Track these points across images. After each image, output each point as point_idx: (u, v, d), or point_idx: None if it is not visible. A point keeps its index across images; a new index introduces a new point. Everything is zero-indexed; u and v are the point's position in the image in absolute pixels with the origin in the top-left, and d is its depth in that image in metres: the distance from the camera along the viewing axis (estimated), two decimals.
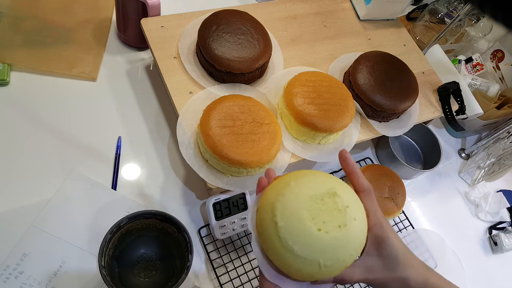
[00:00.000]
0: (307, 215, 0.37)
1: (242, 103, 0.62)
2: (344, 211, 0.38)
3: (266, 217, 0.39)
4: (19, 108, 0.69)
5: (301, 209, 0.37)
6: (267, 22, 0.78)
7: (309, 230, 0.36)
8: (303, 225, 0.37)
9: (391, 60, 0.77)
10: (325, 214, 0.37)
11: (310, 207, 0.38)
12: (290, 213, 0.38)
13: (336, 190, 0.39)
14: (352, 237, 0.38)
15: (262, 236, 0.40)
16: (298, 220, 0.37)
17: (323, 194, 0.38)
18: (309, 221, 0.37)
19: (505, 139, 0.88)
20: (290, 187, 0.40)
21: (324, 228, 0.37)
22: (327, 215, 0.37)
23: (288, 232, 0.37)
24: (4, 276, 0.56)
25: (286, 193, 0.39)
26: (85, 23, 0.80)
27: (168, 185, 0.70)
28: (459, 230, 0.85)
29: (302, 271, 0.38)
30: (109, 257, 0.56)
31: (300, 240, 0.37)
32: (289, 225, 0.37)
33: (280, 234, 0.37)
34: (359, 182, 0.42)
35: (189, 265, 0.54)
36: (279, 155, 0.65)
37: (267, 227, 0.39)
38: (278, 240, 0.37)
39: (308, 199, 0.38)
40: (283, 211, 0.38)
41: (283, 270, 0.39)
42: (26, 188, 0.63)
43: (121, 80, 0.78)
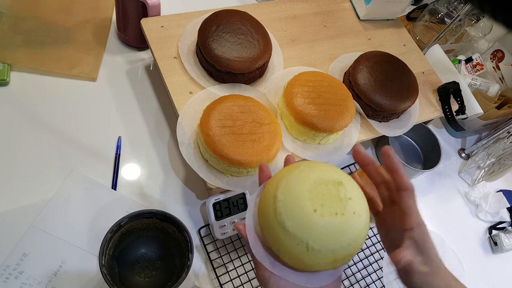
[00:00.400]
0: (307, 195, 0.37)
1: (242, 103, 0.62)
2: (345, 202, 0.38)
3: (269, 191, 0.40)
4: (19, 108, 0.69)
5: (303, 189, 0.38)
6: (267, 22, 0.78)
7: (305, 209, 0.37)
8: (300, 202, 0.37)
9: (391, 60, 0.77)
10: (325, 199, 0.37)
11: (312, 188, 0.38)
12: (291, 189, 0.38)
13: (342, 180, 0.39)
14: (347, 229, 0.37)
15: (260, 212, 0.40)
16: (297, 197, 0.37)
17: (328, 180, 0.39)
18: (307, 200, 0.37)
19: (505, 139, 0.88)
20: (299, 169, 0.40)
21: (320, 211, 0.37)
22: (327, 200, 0.37)
23: (285, 206, 0.37)
24: (4, 276, 0.56)
25: (293, 173, 0.40)
26: (85, 23, 0.80)
27: (168, 185, 0.70)
28: (459, 230, 0.85)
29: (290, 250, 0.37)
30: (109, 257, 0.56)
31: (294, 216, 0.37)
32: (287, 200, 0.37)
33: (276, 208, 0.37)
34: (402, 180, 0.41)
35: (190, 264, 0.54)
36: (279, 155, 0.65)
37: (267, 200, 0.39)
38: (273, 214, 0.38)
39: (312, 181, 0.38)
40: (286, 186, 0.38)
41: (274, 247, 0.39)
42: (26, 188, 0.63)
43: (121, 80, 0.78)
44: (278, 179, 0.40)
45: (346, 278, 0.70)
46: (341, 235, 0.37)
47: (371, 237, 0.76)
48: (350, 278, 0.70)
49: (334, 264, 0.38)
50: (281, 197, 0.38)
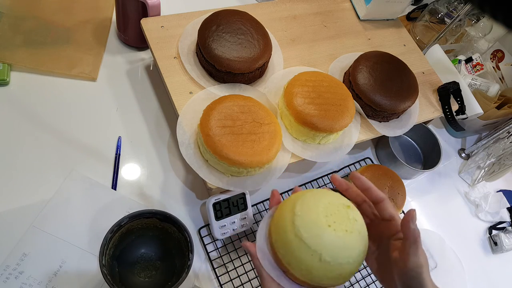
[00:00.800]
0: (322, 212, 0.42)
1: (242, 103, 0.62)
2: (353, 222, 0.43)
3: (286, 209, 0.44)
4: (19, 108, 0.69)
5: (318, 206, 0.43)
6: (267, 22, 0.78)
7: (320, 223, 0.41)
8: (316, 218, 0.41)
9: (391, 60, 0.77)
10: (337, 218, 0.42)
11: (326, 208, 0.43)
12: (308, 207, 0.43)
13: (349, 205, 0.45)
14: (354, 246, 0.42)
15: (275, 228, 0.43)
16: (313, 213, 0.42)
17: (338, 203, 0.44)
18: (322, 217, 0.42)
19: (505, 139, 0.88)
20: (312, 193, 0.46)
21: (333, 227, 0.41)
22: (338, 219, 0.42)
23: (302, 220, 0.41)
24: (4, 276, 0.56)
25: (308, 194, 0.45)
26: (85, 23, 0.80)
27: (168, 185, 0.70)
28: (459, 230, 0.85)
29: (303, 262, 0.40)
30: (109, 257, 0.56)
31: (311, 229, 0.41)
32: (304, 215, 0.42)
33: (294, 221, 0.42)
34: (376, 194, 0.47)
35: (190, 264, 0.54)
36: (279, 155, 0.65)
37: (283, 216, 0.43)
38: (291, 227, 0.41)
39: (326, 202, 0.43)
40: (303, 204, 0.43)
41: (285, 260, 0.42)
42: (26, 188, 0.63)
43: (121, 80, 0.78)
44: (294, 199, 0.45)
45: None
46: (349, 250, 0.41)
47: None
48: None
49: (338, 280, 0.41)
50: (299, 213, 0.42)
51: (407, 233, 0.43)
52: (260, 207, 0.72)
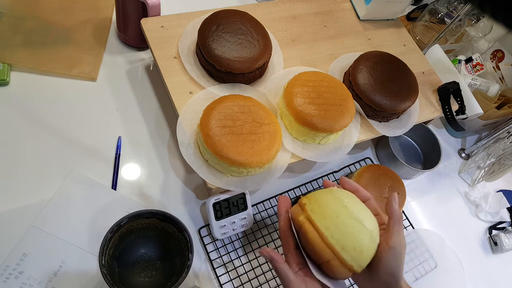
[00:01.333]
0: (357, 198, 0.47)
1: (242, 103, 0.62)
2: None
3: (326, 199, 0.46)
4: (19, 108, 0.69)
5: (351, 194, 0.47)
6: (267, 22, 0.78)
7: (365, 209, 0.46)
8: (360, 204, 0.46)
9: (391, 60, 0.77)
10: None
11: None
12: (347, 194, 0.47)
13: None
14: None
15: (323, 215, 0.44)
16: (358, 201, 0.47)
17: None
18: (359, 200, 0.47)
19: (505, 139, 0.88)
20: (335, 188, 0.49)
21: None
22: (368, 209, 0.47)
23: (353, 205, 0.45)
24: (4, 276, 0.56)
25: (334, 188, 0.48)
26: (85, 23, 0.80)
27: (168, 185, 0.70)
28: (459, 230, 0.85)
29: (358, 240, 0.43)
30: (109, 257, 0.56)
31: (360, 212, 0.45)
32: (350, 202, 0.45)
33: (347, 206, 0.44)
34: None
35: (190, 264, 0.54)
36: (279, 155, 0.65)
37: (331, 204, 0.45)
38: (345, 211, 0.44)
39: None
40: (341, 193, 0.47)
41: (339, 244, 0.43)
42: (26, 188, 0.63)
43: (121, 80, 0.78)
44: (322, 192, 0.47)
45: None
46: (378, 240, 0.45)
47: None
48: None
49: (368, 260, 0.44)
50: (346, 200, 0.45)
51: (391, 212, 0.46)
52: (260, 207, 0.72)
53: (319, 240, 0.43)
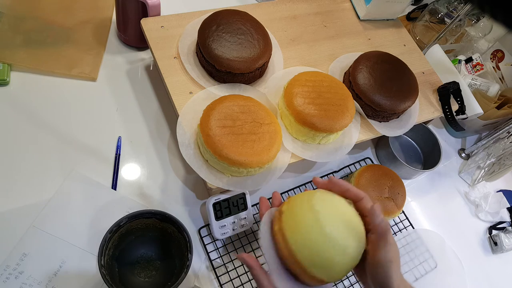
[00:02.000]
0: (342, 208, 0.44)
1: (242, 103, 0.62)
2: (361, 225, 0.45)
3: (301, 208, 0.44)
4: (19, 108, 0.69)
5: (338, 204, 0.45)
6: (267, 22, 0.78)
7: (343, 219, 0.43)
8: (339, 213, 0.43)
9: (391, 60, 0.77)
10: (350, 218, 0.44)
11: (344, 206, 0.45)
12: (327, 202, 0.44)
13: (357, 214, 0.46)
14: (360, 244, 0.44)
15: (293, 228, 0.43)
16: (335, 209, 0.44)
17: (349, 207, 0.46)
18: (344, 209, 0.44)
19: (505, 139, 0.88)
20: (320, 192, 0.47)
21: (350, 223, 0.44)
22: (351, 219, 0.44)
23: (327, 216, 0.43)
24: (4, 276, 0.56)
25: (317, 195, 0.46)
26: (85, 23, 0.80)
27: (168, 185, 0.70)
28: (459, 230, 0.85)
29: (327, 256, 0.41)
30: (109, 257, 0.56)
31: (334, 222, 0.42)
32: (326, 212, 0.43)
33: (320, 219, 0.42)
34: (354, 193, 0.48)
35: (189, 264, 0.54)
36: (279, 155, 0.65)
37: (304, 216, 0.43)
38: (315, 225, 0.42)
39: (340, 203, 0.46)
40: (320, 201, 0.44)
41: (307, 260, 0.42)
42: (26, 188, 0.63)
43: (121, 80, 0.78)
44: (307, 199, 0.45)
45: (346, 278, 0.70)
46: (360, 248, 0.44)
47: None
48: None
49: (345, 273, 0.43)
50: (321, 210, 0.43)
51: (374, 227, 0.45)
52: None
53: (287, 254, 0.43)
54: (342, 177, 0.81)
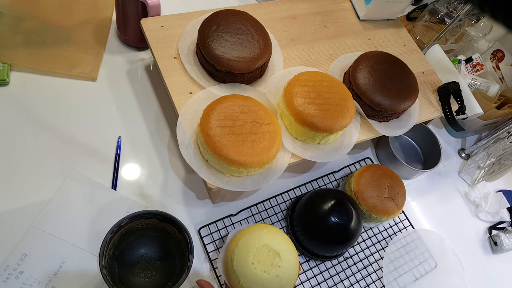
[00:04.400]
0: (252, 252, 0.53)
1: (242, 103, 0.62)
2: (275, 267, 0.52)
3: (231, 244, 0.56)
4: (19, 108, 0.69)
5: (252, 247, 0.53)
6: (267, 22, 0.78)
7: (247, 260, 0.52)
8: (246, 256, 0.53)
9: (391, 60, 0.77)
10: (262, 260, 0.53)
11: (257, 250, 0.53)
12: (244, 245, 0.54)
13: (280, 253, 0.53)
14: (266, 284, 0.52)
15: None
16: (246, 251, 0.53)
17: (270, 249, 0.53)
18: (251, 256, 0.53)
19: (505, 139, 0.88)
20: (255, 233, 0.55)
21: (255, 265, 0.52)
22: (262, 261, 0.52)
23: (237, 255, 0.54)
24: (4, 276, 0.56)
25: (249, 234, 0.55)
26: (85, 23, 0.80)
27: (168, 185, 0.70)
28: (459, 230, 0.85)
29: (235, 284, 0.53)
30: (109, 257, 0.56)
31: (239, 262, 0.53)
32: (240, 251, 0.54)
33: (233, 255, 0.54)
34: None
35: (190, 265, 0.54)
36: (279, 155, 0.65)
37: (229, 250, 0.56)
38: (231, 257, 0.54)
39: (260, 244, 0.54)
40: (242, 243, 0.54)
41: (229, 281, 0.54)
42: (26, 188, 0.63)
43: (121, 80, 0.78)
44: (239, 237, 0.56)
45: (346, 278, 0.70)
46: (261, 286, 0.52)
47: (371, 237, 0.76)
48: (350, 278, 0.70)
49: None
50: (236, 249, 0.54)
51: None
52: (260, 207, 0.72)
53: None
54: (342, 177, 0.81)
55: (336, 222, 0.64)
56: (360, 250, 0.74)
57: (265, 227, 0.57)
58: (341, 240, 0.66)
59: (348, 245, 0.68)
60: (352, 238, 0.67)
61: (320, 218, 0.65)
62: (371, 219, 0.73)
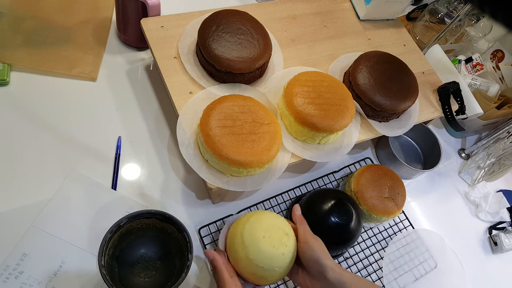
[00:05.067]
0: (264, 228, 0.53)
1: (242, 103, 0.62)
2: (283, 245, 0.53)
3: (239, 223, 0.56)
4: (19, 108, 0.69)
5: (262, 224, 0.54)
6: (267, 22, 0.78)
7: (258, 235, 0.52)
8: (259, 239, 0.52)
9: (391, 60, 0.77)
10: (272, 235, 0.53)
11: (268, 226, 0.54)
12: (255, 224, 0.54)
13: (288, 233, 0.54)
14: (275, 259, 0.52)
15: (230, 245, 0.55)
16: (257, 229, 0.53)
17: (280, 228, 0.54)
18: (262, 231, 0.53)
19: (505, 139, 0.88)
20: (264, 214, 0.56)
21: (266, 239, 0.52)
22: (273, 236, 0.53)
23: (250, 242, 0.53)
24: (4, 276, 0.56)
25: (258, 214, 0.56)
26: (85, 23, 0.80)
27: (168, 185, 0.70)
28: (459, 230, 0.85)
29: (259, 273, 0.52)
30: (109, 257, 0.56)
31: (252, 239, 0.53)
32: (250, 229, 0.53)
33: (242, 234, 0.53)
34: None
35: (189, 264, 0.54)
36: (279, 155, 0.65)
37: (236, 229, 0.55)
38: (240, 237, 0.53)
39: (271, 223, 0.54)
40: (252, 223, 0.54)
41: (245, 274, 0.53)
42: (26, 188, 0.63)
43: (121, 80, 0.78)
44: (248, 216, 0.56)
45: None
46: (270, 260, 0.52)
47: (371, 237, 0.76)
48: None
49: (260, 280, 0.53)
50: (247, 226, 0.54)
51: (294, 219, 0.57)
52: (260, 207, 0.72)
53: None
54: (342, 177, 0.81)
55: (336, 222, 0.64)
56: (360, 250, 0.74)
57: (269, 212, 0.59)
58: (341, 240, 0.66)
59: (348, 245, 0.68)
60: (352, 238, 0.67)
61: (320, 218, 0.65)
62: (371, 219, 0.73)
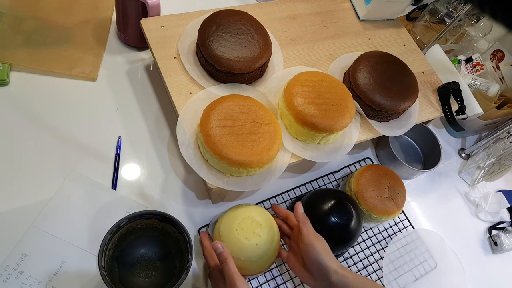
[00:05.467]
0: (237, 221, 0.58)
1: (242, 103, 0.62)
2: (256, 236, 0.57)
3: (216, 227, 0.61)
4: (19, 108, 0.69)
5: (236, 217, 0.59)
6: (267, 22, 0.78)
7: (231, 227, 0.57)
8: (231, 224, 0.58)
9: (391, 60, 0.77)
10: (245, 228, 0.57)
11: (242, 219, 0.58)
12: (230, 218, 0.60)
13: (262, 224, 0.58)
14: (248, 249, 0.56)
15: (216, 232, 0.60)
16: (231, 221, 0.59)
17: (253, 220, 0.58)
18: (236, 224, 0.58)
19: (505, 139, 0.88)
20: (242, 207, 0.61)
21: (238, 232, 0.57)
22: (245, 229, 0.57)
23: (224, 224, 0.59)
24: (4, 276, 0.56)
25: (227, 213, 0.61)
26: (85, 23, 0.80)
27: (168, 185, 0.70)
28: (459, 230, 0.85)
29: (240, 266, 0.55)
30: (109, 257, 0.56)
31: (226, 230, 0.58)
32: (225, 221, 0.59)
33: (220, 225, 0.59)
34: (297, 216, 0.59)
35: (189, 265, 0.54)
36: (279, 155, 0.65)
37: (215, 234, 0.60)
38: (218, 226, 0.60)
39: (244, 216, 0.59)
40: (228, 215, 0.60)
41: None
42: (26, 188, 0.63)
43: (121, 80, 0.78)
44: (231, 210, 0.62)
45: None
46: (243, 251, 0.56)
47: (371, 237, 0.76)
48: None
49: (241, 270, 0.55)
50: (224, 219, 0.60)
51: (297, 217, 0.58)
52: None
53: None
54: (342, 177, 0.81)
55: (336, 222, 0.64)
56: (360, 250, 0.74)
57: (251, 204, 0.63)
58: (341, 240, 0.66)
59: (348, 245, 0.68)
60: (352, 238, 0.67)
61: (320, 218, 0.65)
62: (371, 219, 0.73)
